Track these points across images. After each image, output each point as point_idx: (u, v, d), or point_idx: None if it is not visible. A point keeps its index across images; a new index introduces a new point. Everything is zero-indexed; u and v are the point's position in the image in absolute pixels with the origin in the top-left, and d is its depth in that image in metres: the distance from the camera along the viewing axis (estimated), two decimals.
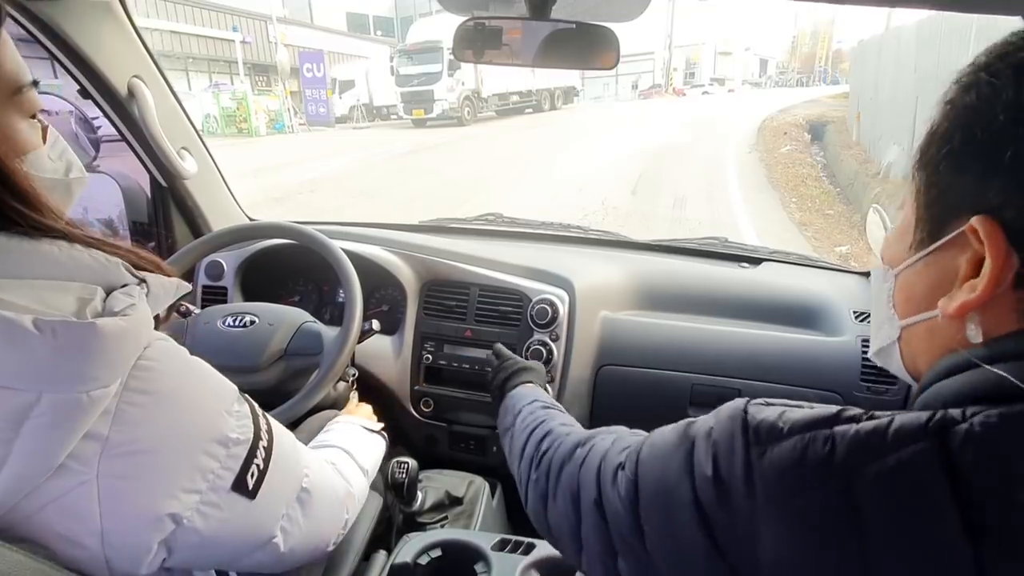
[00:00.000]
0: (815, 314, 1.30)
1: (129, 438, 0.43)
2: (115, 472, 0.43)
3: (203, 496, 0.48)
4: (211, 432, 0.49)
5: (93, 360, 0.41)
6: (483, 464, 1.33)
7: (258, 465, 0.52)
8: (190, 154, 1.34)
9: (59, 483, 0.41)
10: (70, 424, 0.40)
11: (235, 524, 0.51)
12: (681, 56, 44.10)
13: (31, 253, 0.44)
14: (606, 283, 1.37)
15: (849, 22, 52.55)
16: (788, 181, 7.66)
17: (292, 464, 0.59)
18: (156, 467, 0.45)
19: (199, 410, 0.49)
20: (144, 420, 0.44)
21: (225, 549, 0.53)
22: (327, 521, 0.67)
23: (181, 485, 0.46)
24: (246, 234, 1.21)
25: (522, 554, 0.88)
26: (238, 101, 16.48)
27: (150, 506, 0.45)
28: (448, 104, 16.32)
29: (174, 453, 0.46)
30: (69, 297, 0.43)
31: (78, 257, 0.45)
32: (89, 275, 0.45)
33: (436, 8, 2.30)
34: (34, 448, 0.39)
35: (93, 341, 0.41)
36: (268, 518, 0.56)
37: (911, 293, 0.43)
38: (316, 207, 6.73)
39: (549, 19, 0.84)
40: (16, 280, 0.42)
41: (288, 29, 20.98)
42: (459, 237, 1.57)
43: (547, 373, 1.25)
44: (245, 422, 0.53)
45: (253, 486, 0.52)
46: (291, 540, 0.59)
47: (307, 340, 1.03)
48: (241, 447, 0.51)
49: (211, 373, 0.52)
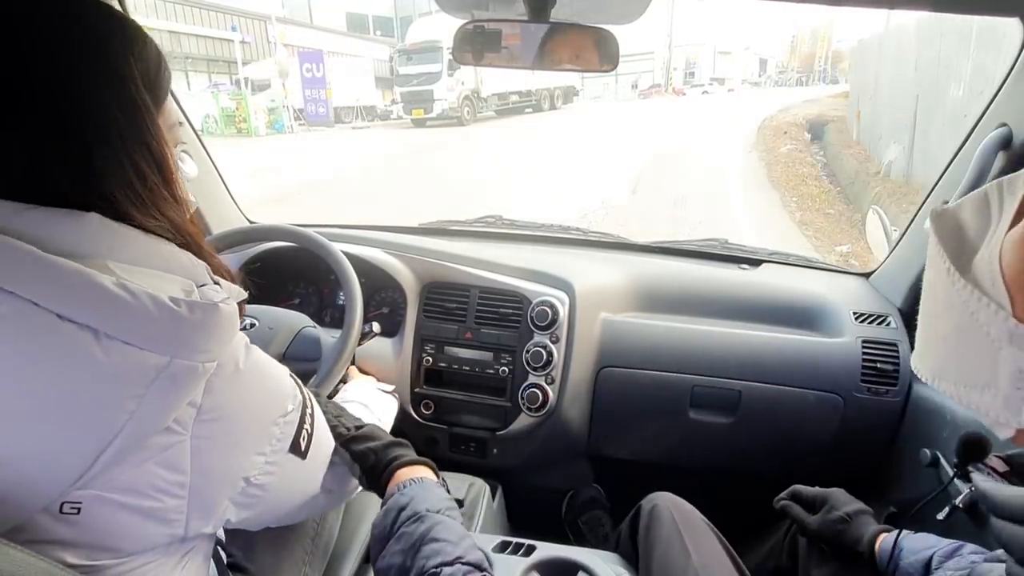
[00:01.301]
0: (815, 315, 1.30)
1: (215, 405, 0.50)
2: (204, 433, 0.50)
3: (267, 457, 0.56)
4: (277, 405, 0.58)
5: (213, 335, 0.49)
6: (484, 466, 1.33)
7: (307, 429, 0.61)
8: (190, 156, 1.34)
9: (162, 440, 0.47)
10: (186, 388, 0.47)
11: (290, 481, 0.61)
12: (681, 56, 44.07)
13: (145, 245, 0.50)
14: (606, 285, 1.37)
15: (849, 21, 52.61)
16: (788, 180, 7.65)
17: (325, 429, 0.68)
18: (234, 433, 0.53)
19: (267, 388, 0.57)
20: (227, 393, 0.52)
21: (281, 504, 0.62)
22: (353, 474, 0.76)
23: (253, 448, 0.55)
24: (246, 237, 1.21)
25: (523, 556, 0.88)
26: (237, 101, 16.47)
27: (228, 464, 0.53)
28: (448, 104, 16.32)
29: (248, 422, 0.54)
30: (174, 286, 0.49)
31: (178, 255, 0.52)
32: (182, 271, 0.51)
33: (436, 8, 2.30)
34: (157, 405, 0.46)
35: (216, 319, 0.49)
36: (315, 473, 0.66)
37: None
38: (314, 207, 6.73)
39: (548, 21, 0.84)
40: (132, 266, 0.48)
41: (287, 29, 20.95)
42: (459, 239, 1.57)
43: (548, 375, 1.25)
44: (296, 393, 0.61)
45: (305, 448, 0.61)
46: (331, 491, 0.69)
47: (306, 345, 1.03)
48: (294, 414, 0.60)
49: (269, 358, 0.60)
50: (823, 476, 1.13)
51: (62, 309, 0.43)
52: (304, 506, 0.67)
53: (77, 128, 0.47)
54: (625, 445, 1.36)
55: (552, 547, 0.89)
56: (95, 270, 0.44)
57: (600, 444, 1.35)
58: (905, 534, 0.78)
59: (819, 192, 7.07)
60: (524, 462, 1.34)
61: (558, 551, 0.88)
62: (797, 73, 56.47)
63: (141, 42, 0.52)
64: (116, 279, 0.45)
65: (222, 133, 16.19)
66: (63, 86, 0.46)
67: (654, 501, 0.94)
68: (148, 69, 0.52)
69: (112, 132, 0.49)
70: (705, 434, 1.26)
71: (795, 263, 1.52)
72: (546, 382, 1.25)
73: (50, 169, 0.46)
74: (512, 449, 1.32)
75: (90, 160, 0.48)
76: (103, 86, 0.48)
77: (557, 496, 1.46)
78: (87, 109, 0.47)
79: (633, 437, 1.35)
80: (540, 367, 1.25)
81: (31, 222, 0.45)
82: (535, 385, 1.25)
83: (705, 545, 0.85)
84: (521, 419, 1.28)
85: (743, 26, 50.88)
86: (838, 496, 0.90)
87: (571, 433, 1.31)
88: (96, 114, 0.48)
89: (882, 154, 7.22)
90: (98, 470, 0.44)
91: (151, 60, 0.53)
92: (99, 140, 0.48)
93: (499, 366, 1.29)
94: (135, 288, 0.45)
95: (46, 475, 0.44)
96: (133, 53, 0.50)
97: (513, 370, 1.28)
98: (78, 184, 0.47)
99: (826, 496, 0.91)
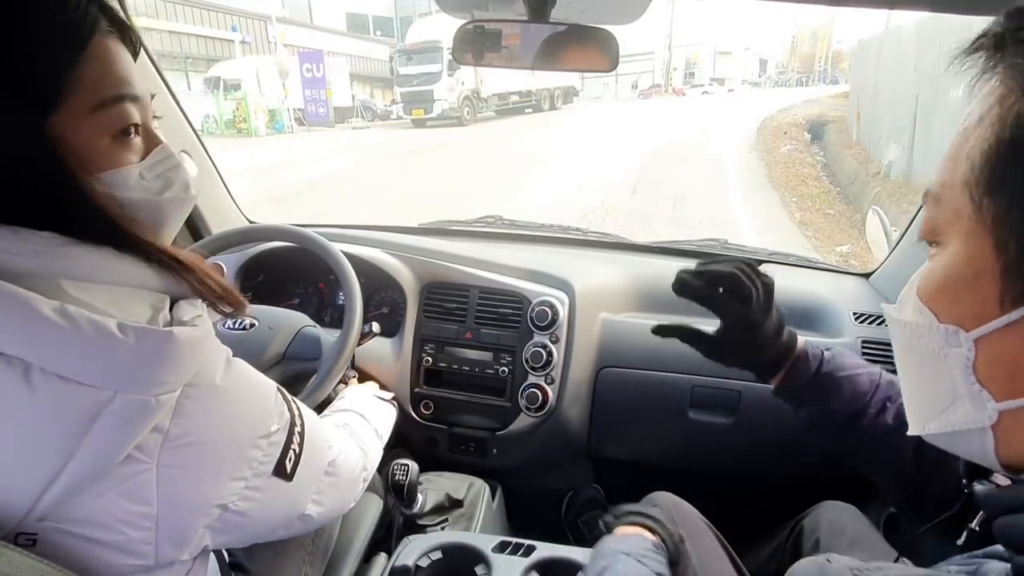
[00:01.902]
0: (815, 316, 1.30)
1: (185, 431, 0.46)
2: (172, 462, 0.46)
3: (247, 482, 0.52)
4: (257, 427, 0.53)
5: (167, 367, 0.44)
6: (483, 466, 1.33)
7: (294, 450, 0.57)
8: (190, 157, 1.34)
9: (124, 470, 0.43)
10: (137, 424, 0.43)
11: (274, 504, 0.56)
12: (681, 56, 44.06)
13: (109, 258, 0.46)
14: (606, 285, 1.37)
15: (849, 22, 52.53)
16: (788, 181, 7.66)
17: (320, 443, 0.64)
18: (208, 459, 0.48)
19: (247, 408, 0.53)
20: (200, 416, 0.48)
21: (265, 526, 0.58)
22: (350, 487, 0.73)
23: (229, 474, 0.50)
24: (246, 237, 1.21)
25: (523, 556, 0.88)
26: (237, 101, 16.47)
27: (201, 493, 0.48)
28: (448, 104, 16.32)
29: (224, 446, 0.50)
30: (143, 304, 0.46)
31: (151, 268, 0.48)
32: (157, 283, 0.48)
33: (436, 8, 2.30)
34: (101, 444, 0.42)
35: (169, 348, 0.44)
36: (303, 495, 0.61)
37: (1019, 365, 0.34)
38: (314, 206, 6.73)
39: (548, 22, 0.84)
40: (94, 283, 0.44)
41: (287, 29, 20.95)
42: (459, 239, 1.57)
43: (547, 375, 1.25)
44: (283, 411, 0.57)
45: (291, 469, 0.56)
46: (321, 509, 0.65)
47: (306, 345, 1.03)
48: (280, 435, 0.55)
49: (254, 373, 0.56)
50: (823, 477, 1.13)
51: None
52: (291, 526, 0.62)
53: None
54: (625, 445, 1.36)
55: (552, 547, 0.90)
56: (44, 293, 0.41)
57: (600, 444, 1.34)
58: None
59: (819, 192, 7.08)
60: (524, 462, 1.34)
61: (558, 551, 0.88)
62: (797, 73, 56.45)
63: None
64: (58, 305, 0.40)
65: (222, 133, 16.19)
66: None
67: (654, 501, 0.94)
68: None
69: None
70: (705, 434, 1.26)
71: (795, 263, 1.52)
72: (546, 382, 1.25)
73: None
74: (512, 449, 1.32)
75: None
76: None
77: (557, 496, 1.46)
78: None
79: (633, 437, 1.35)
80: (540, 367, 1.25)
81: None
82: (535, 385, 1.25)
83: (705, 546, 0.85)
84: (521, 419, 1.28)
85: (743, 26, 50.89)
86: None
87: (571, 433, 1.31)
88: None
89: (882, 154, 7.22)
90: (48, 505, 0.41)
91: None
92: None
93: (499, 366, 1.29)
94: (77, 315, 0.41)
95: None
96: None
97: (513, 370, 1.28)
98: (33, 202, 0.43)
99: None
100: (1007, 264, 0.32)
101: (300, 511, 0.61)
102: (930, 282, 0.38)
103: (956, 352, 0.36)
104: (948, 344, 0.36)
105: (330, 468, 0.66)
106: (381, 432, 0.91)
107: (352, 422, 0.86)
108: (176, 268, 0.50)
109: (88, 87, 0.46)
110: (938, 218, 0.37)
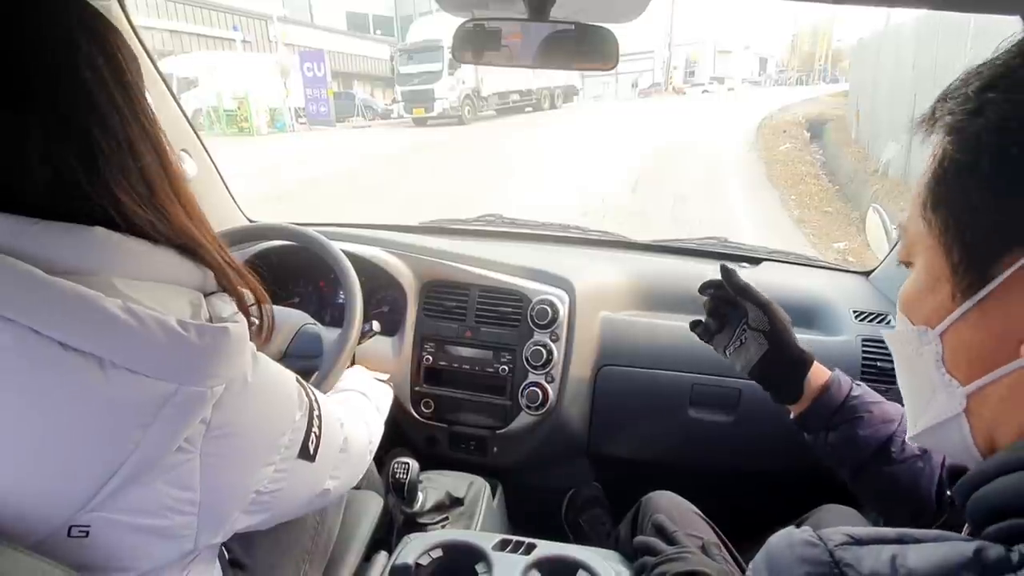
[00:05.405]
0: (815, 314, 1.30)
1: (224, 422, 0.49)
2: (213, 451, 0.49)
3: (276, 467, 0.56)
4: (284, 415, 0.57)
5: (223, 360, 0.48)
6: (484, 464, 1.33)
7: (315, 432, 0.61)
8: (190, 156, 1.34)
9: (171, 459, 0.46)
10: (195, 414, 0.46)
11: (299, 484, 0.61)
12: (681, 55, 44.01)
13: (150, 256, 0.49)
14: (606, 283, 1.37)
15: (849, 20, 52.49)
16: (787, 179, 7.66)
17: (334, 424, 0.68)
18: (244, 447, 0.52)
19: (276, 398, 0.56)
20: (236, 408, 0.50)
21: (291, 504, 0.62)
22: (360, 461, 0.78)
23: (262, 460, 0.54)
24: (246, 236, 1.21)
25: (523, 554, 0.88)
26: (239, 101, 16.45)
27: (238, 479, 0.52)
28: (448, 103, 16.31)
29: (258, 435, 0.54)
30: (182, 300, 0.48)
31: (184, 265, 0.51)
32: (190, 280, 0.51)
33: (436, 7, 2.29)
34: (164, 432, 0.45)
35: (225, 342, 0.48)
36: (323, 472, 0.66)
37: (977, 350, 0.38)
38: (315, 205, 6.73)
39: (548, 20, 0.84)
40: (138, 281, 0.47)
41: (288, 28, 20.92)
42: (459, 238, 1.57)
43: (548, 374, 1.25)
44: (303, 398, 0.60)
45: (314, 451, 0.60)
46: (337, 483, 0.70)
47: (307, 342, 1.03)
48: (302, 420, 0.59)
49: (277, 365, 0.59)
50: (823, 475, 1.13)
51: (65, 337, 0.41)
52: (312, 502, 0.67)
53: (79, 121, 0.46)
54: (625, 443, 1.36)
55: (552, 545, 0.90)
56: (100, 291, 0.43)
57: (600, 442, 1.35)
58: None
59: (818, 190, 7.08)
60: (524, 460, 1.34)
61: (558, 549, 0.89)
62: (797, 72, 56.36)
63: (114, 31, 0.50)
64: (122, 303, 0.43)
65: (223, 132, 16.16)
66: (59, 83, 0.45)
67: (654, 499, 0.94)
68: (125, 55, 0.50)
69: (112, 119, 0.47)
70: (705, 432, 1.26)
71: (795, 261, 1.52)
72: (546, 380, 1.25)
73: (58, 170, 0.45)
74: (512, 448, 1.32)
75: (92, 151, 0.46)
76: (102, 79, 0.47)
77: (557, 494, 1.46)
78: (85, 101, 0.46)
79: (633, 435, 1.35)
80: (540, 366, 1.25)
81: (34, 240, 0.43)
82: (535, 384, 1.25)
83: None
84: (521, 418, 1.28)
85: (743, 25, 50.84)
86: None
87: (571, 431, 1.31)
88: (96, 104, 0.46)
89: (880, 153, 7.22)
90: (105, 495, 0.43)
91: (124, 46, 0.51)
92: (101, 128, 0.46)
93: (499, 365, 1.29)
94: (142, 313, 0.43)
95: (50, 503, 0.43)
96: (112, 41, 0.49)
97: (513, 369, 1.28)
98: (82, 185, 0.46)
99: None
100: (954, 265, 0.38)
101: (321, 487, 0.66)
102: (905, 294, 0.44)
103: (928, 349, 0.41)
104: (921, 343, 0.42)
105: (344, 445, 0.70)
106: (381, 408, 0.95)
107: (355, 400, 0.90)
108: (207, 255, 0.53)
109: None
110: (907, 243, 0.43)
